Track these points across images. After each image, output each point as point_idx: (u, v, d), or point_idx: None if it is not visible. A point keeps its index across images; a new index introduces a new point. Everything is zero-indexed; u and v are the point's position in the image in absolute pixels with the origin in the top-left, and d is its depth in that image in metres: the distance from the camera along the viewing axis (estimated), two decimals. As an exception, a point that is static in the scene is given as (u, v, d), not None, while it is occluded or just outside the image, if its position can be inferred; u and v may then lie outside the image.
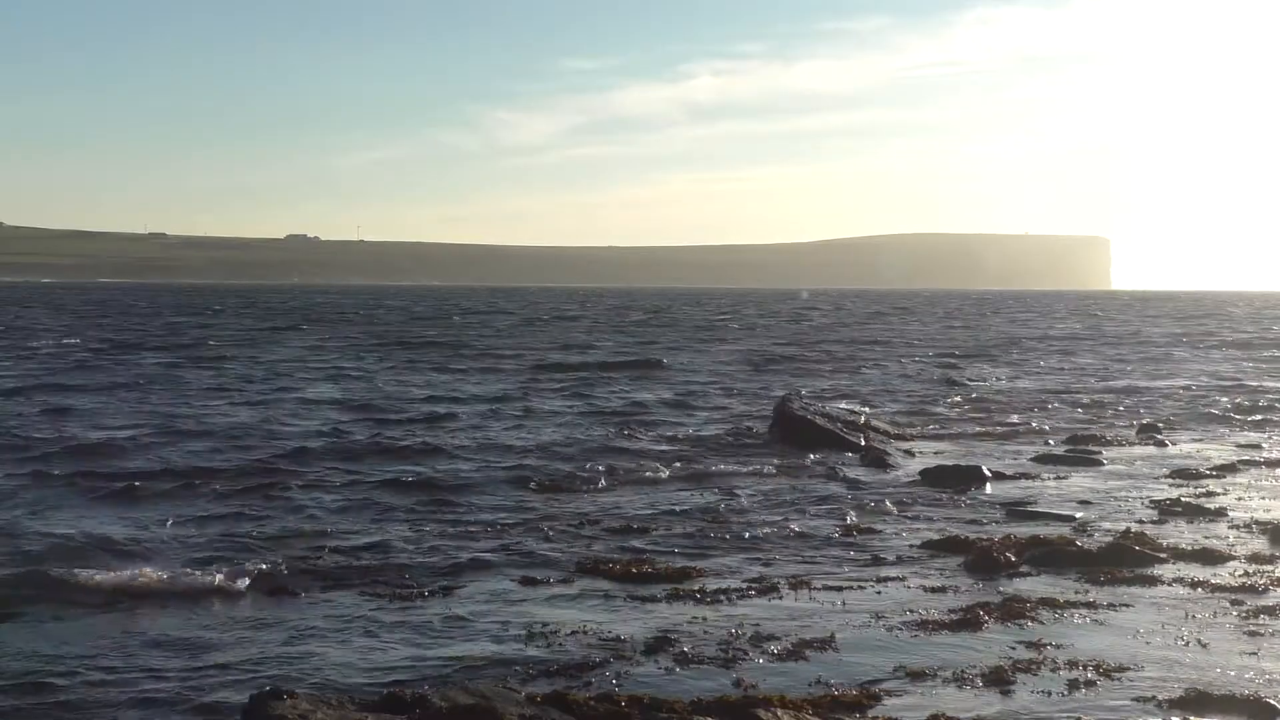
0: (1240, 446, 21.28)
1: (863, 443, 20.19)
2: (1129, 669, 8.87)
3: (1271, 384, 34.43)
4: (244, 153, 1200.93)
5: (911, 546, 12.95)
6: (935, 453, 20.16)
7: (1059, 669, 8.81)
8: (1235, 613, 10.32)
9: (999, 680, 8.57)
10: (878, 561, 12.25)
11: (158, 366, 36.08)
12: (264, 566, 11.52)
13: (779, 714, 7.62)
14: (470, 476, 17.05)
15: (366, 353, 44.17)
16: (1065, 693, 8.38)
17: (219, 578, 10.97)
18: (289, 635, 9.61)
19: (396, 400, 27.51)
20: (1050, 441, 21.73)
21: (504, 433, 21.98)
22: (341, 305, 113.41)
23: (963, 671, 8.77)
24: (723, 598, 10.78)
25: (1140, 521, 14.33)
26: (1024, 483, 17.24)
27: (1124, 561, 12.09)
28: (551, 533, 13.46)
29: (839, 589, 11.14)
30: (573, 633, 9.73)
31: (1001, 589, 11.14)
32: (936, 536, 13.40)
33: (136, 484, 15.66)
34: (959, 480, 16.99)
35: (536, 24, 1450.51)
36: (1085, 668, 8.84)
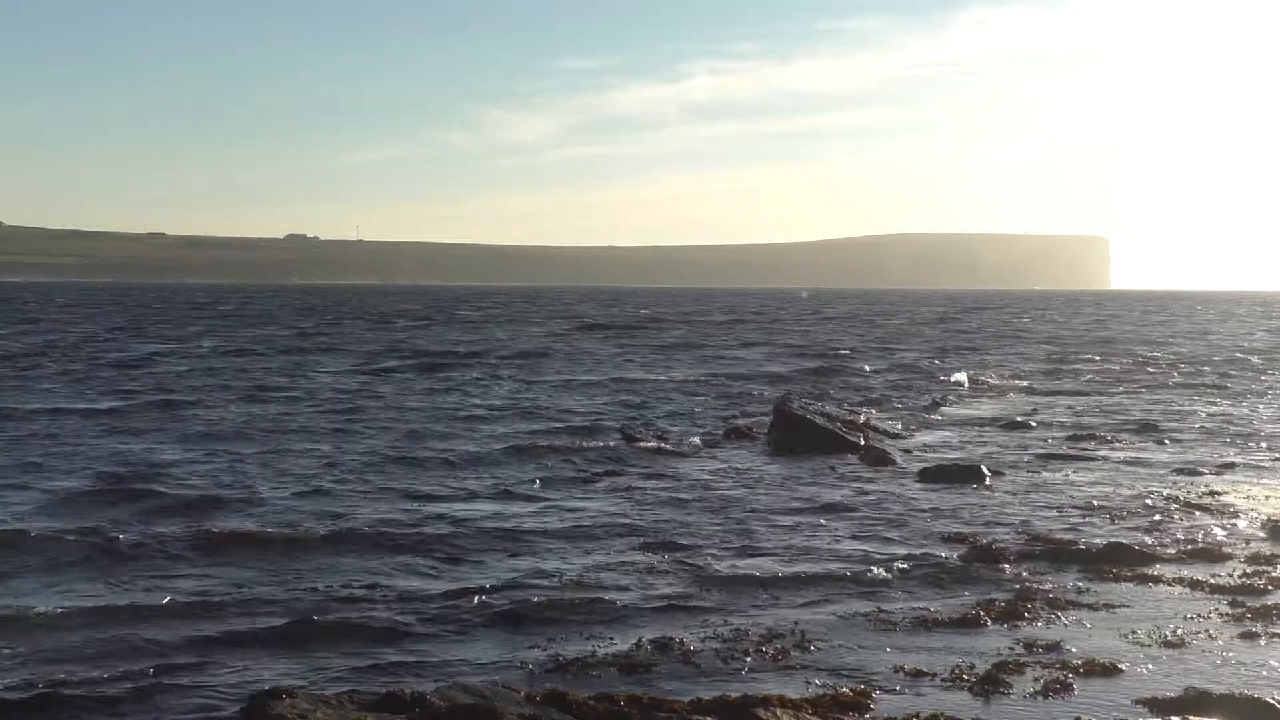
0: (1239, 445, 21.26)
1: (862, 442, 20.18)
2: (1128, 668, 8.87)
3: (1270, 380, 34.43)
4: (244, 153, 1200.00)
5: (910, 545, 12.93)
6: (935, 452, 20.16)
7: (1058, 668, 8.81)
8: (1235, 613, 10.32)
9: (998, 680, 8.57)
10: (876, 560, 12.23)
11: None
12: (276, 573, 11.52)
13: (778, 713, 7.62)
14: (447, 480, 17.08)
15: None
16: (1064, 692, 8.38)
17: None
18: (290, 633, 9.63)
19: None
20: (1050, 439, 21.73)
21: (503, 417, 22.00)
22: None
23: (962, 671, 8.77)
24: (722, 596, 10.78)
25: (1139, 519, 14.33)
26: (1023, 481, 17.23)
27: (1124, 561, 12.09)
28: (551, 530, 13.47)
29: (838, 588, 11.14)
30: (572, 632, 9.74)
31: (1001, 588, 11.13)
32: (936, 536, 13.40)
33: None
34: (958, 479, 16.99)
35: (534, 24, 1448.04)
36: (1084, 667, 8.85)
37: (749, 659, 9.10)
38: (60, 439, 20.21)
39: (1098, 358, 45.69)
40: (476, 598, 10.69)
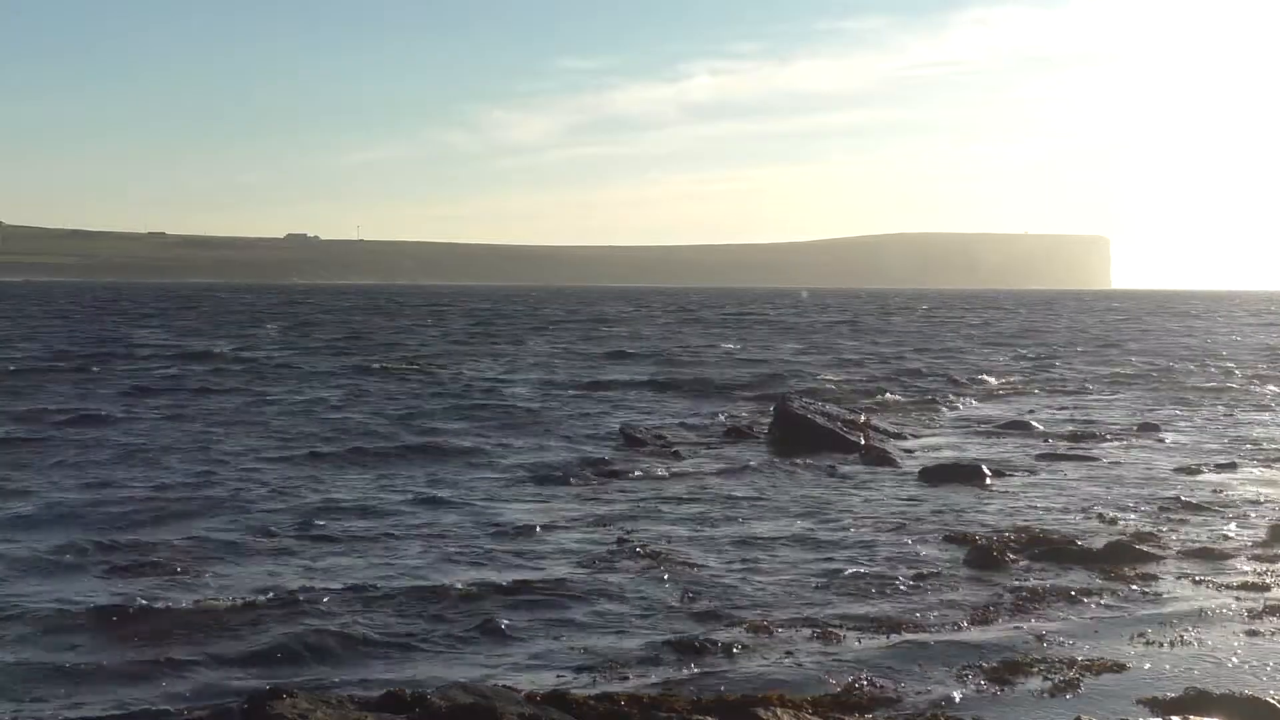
0: (1240, 444, 21.24)
1: (863, 442, 20.16)
2: (1129, 667, 8.86)
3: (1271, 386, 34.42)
4: (243, 152, 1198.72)
5: (911, 545, 12.92)
6: (935, 452, 20.14)
7: (1059, 667, 8.80)
8: (1235, 611, 10.32)
9: (999, 679, 8.56)
10: (877, 560, 12.23)
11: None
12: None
13: (779, 713, 7.61)
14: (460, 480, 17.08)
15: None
16: (1066, 691, 8.37)
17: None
18: (291, 633, 9.61)
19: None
20: (1050, 439, 21.70)
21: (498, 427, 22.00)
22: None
23: (963, 670, 8.76)
24: (722, 597, 10.77)
25: (1141, 519, 14.32)
26: (1024, 481, 17.22)
27: (1124, 560, 12.08)
28: (549, 532, 13.46)
29: (839, 588, 11.12)
30: (572, 632, 9.73)
31: (1002, 587, 11.12)
32: (936, 535, 13.39)
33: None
34: (959, 479, 16.97)
35: (534, 24, 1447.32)
36: (1086, 666, 8.84)
37: (749, 658, 9.08)
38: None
39: (1099, 357, 45.69)
40: (475, 598, 10.68)
